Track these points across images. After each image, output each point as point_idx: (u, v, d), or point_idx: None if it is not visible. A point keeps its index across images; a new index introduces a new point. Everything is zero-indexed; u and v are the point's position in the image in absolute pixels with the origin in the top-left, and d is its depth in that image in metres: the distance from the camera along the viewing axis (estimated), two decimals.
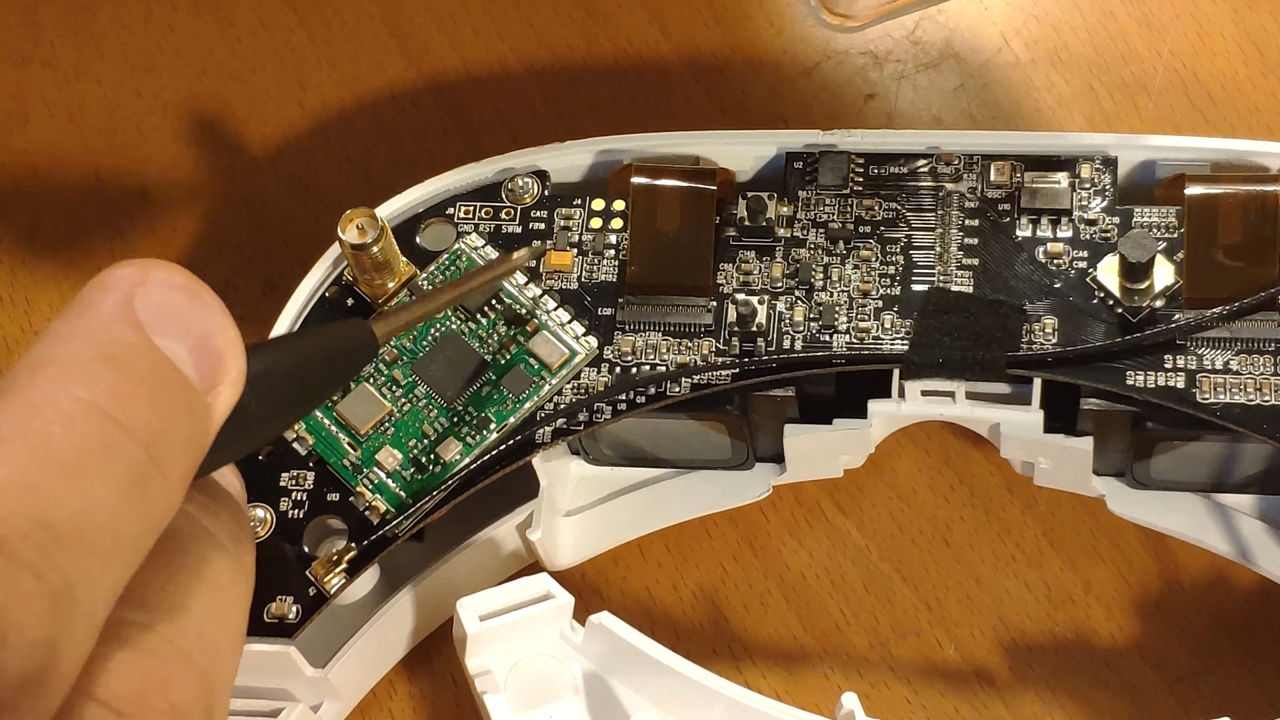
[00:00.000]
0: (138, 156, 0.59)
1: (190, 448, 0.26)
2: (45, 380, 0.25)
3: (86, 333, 0.26)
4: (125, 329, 0.26)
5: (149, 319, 0.26)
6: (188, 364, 0.26)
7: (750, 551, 0.51)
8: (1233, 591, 0.49)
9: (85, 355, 0.25)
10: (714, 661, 0.49)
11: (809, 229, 0.49)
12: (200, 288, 0.27)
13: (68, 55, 0.61)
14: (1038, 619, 0.50)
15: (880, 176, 0.49)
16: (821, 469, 0.50)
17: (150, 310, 0.26)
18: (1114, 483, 0.49)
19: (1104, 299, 0.47)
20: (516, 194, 0.50)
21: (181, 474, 0.26)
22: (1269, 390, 0.45)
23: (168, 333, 0.26)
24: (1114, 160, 0.49)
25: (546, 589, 0.45)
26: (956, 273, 0.48)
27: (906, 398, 0.47)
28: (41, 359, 0.25)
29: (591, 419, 0.47)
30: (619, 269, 0.49)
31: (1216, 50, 0.57)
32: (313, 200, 0.57)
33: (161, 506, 0.26)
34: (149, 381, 0.26)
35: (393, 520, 0.46)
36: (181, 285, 0.27)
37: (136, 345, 0.26)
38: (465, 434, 0.47)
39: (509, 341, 0.48)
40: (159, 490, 0.25)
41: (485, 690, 0.45)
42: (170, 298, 0.26)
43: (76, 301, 0.26)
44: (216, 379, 0.27)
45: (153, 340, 0.26)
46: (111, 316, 0.26)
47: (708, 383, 0.47)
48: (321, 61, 0.60)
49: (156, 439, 0.25)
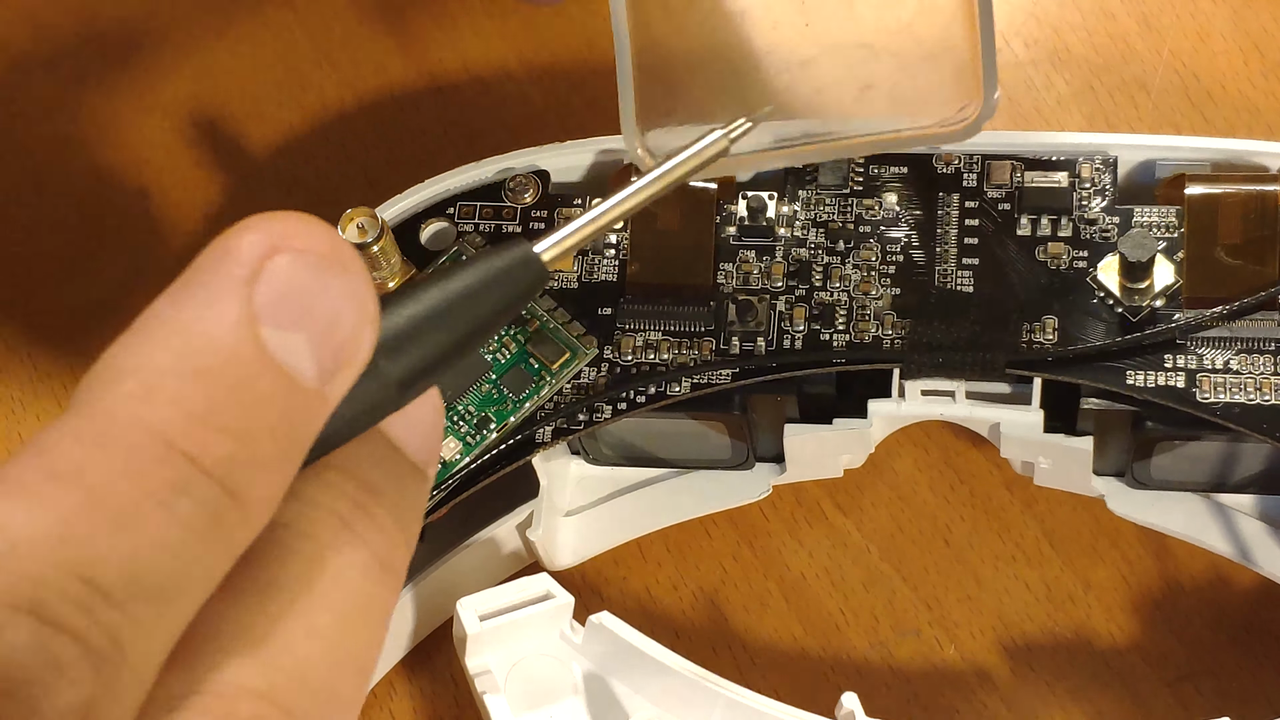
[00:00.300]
0: (138, 156, 0.59)
1: (283, 463, 0.22)
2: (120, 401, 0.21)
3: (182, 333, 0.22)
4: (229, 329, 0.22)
5: (268, 306, 0.22)
6: (304, 357, 0.22)
7: (750, 551, 0.51)
8: (1233, 591, 0.49)
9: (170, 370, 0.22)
10: (714, 661, 0.49)
11: (809, 229, 0.49)
12: (343, 253, 0.23)
13: (68, 55, 0.61)
14: (1038, 619, 0.50)
15: (880, 176, 0.49)
16: (821, 469, 0.50)
17: (272, 295, 0.22)
18: (1114, 483, 0.49)
19: (1104, 299, 0.47)
20: (517, 193, 0.50)
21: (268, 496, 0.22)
22: (1269, 390, 0.45)
23: (287, 323, 0.22)
24: (1114, 160, 0.49)
25: (546, 589, 0.45)
26: (956, 273, 0.48)
27: (906, 398, 0.47)
28: (124, 367, 0.22)
29: (591, 419, 0.47)
30: (619, 269, 0.49)
31: (1216, 50, 0.57)
32: (313, 200, 0.57)
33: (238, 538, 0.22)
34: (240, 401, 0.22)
35: None
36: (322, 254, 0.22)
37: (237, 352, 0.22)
38: (465, 433, 0.47)
39: (509, 341, 0.48)
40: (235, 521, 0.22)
41: (485, 690, 0.45)
42: (301, 275, 0.22)
43: (190, 277, 0.22)
44: (338, 367, 0.22)
45: (260, 337, 0.22)
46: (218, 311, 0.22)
47: (708, 383, 0.47)
48: (321, 61, 0.60)
49: (238, 468, 0.22)
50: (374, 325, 0.23)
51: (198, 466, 0.21)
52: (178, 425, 0.21)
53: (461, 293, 0.25)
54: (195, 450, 0.21)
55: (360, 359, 0.23)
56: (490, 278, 0.25)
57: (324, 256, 0.22)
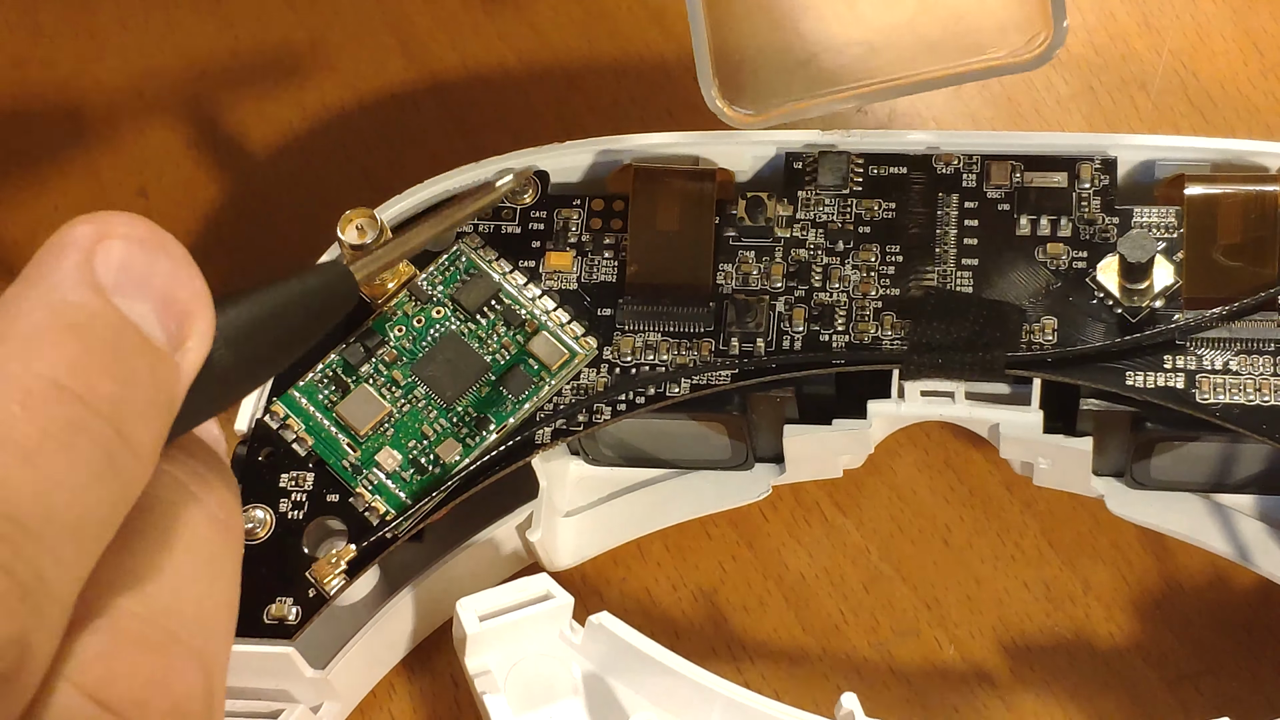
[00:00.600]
0: (138, 156, 0.59)
1: (159, 414, 0.25)
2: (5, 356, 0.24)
3: (44, 301, 0.24)
4: (85, 293, 0.25)
5: (109, 279, 0.25)
6: (153, 324, 0.25)
7: (750, 551, 0.51)
8: (1233, 591, 0.49)
9: (44, 326, 0.24)
10: (714, 661, 0.49)
11: (809, 229, 0.49)
12: (164, 239, 0.26)
13: (68, 55, 0.61)
14: (1038, 619, 0.50)
15: (880, 176, 0.49)
16: (821, 469, 0.50)
17: (111, 269, 0.25)
18: (1114, 483, 0.49)
19: (1104, 299, 0.47)
20: (516, 194, 0.50)
21: (151, 443, 0.25)
22: (1269, 390, 0.45)
23: (130, 292, 0.25)
24: (1114, 160, 0.49)
25: (546, 589, 0.45)
26: (956, 273, 0.48)
27: (906, 398, 0.47)
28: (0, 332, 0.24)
29: (591, 419, 0.47)
30: (619, 269, 0.49)
31: (1216, 50, 0.57)
32: (313, 200, 0.57)
33: (132, 480, 0.25)
34: (112, 349, 0.24)
35: (392, 521, 0.46)
36: (144, 239, 0.26)
37: (97, 310, 0.25)
38: (465, 435, 0.47)
39: (509, 342, 0.48)
40: (128, 464, 0.24)
41: (485, 690, 0.45)
42: (132, 254, 0.25)
43: (33, 264, 0.25)
44: (183, 336, 0.25)
45: (114, 303, 0.25)
46: (70, 281, 0.25)
47: (707, 383, 0.47)
48: (321, 61, 0.60)
49: (122, 410, 0.24)
50: (207, 302, 0.26)
51: (88, 406, 0.24)
52: (63, 368, 0.24)
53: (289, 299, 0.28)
54: (82, 389, 0.24)
55: (203, 330, 0.26)
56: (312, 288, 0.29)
57: (147, 240, 0.26)
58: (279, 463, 0.47)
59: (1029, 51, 0.41)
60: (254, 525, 0.47)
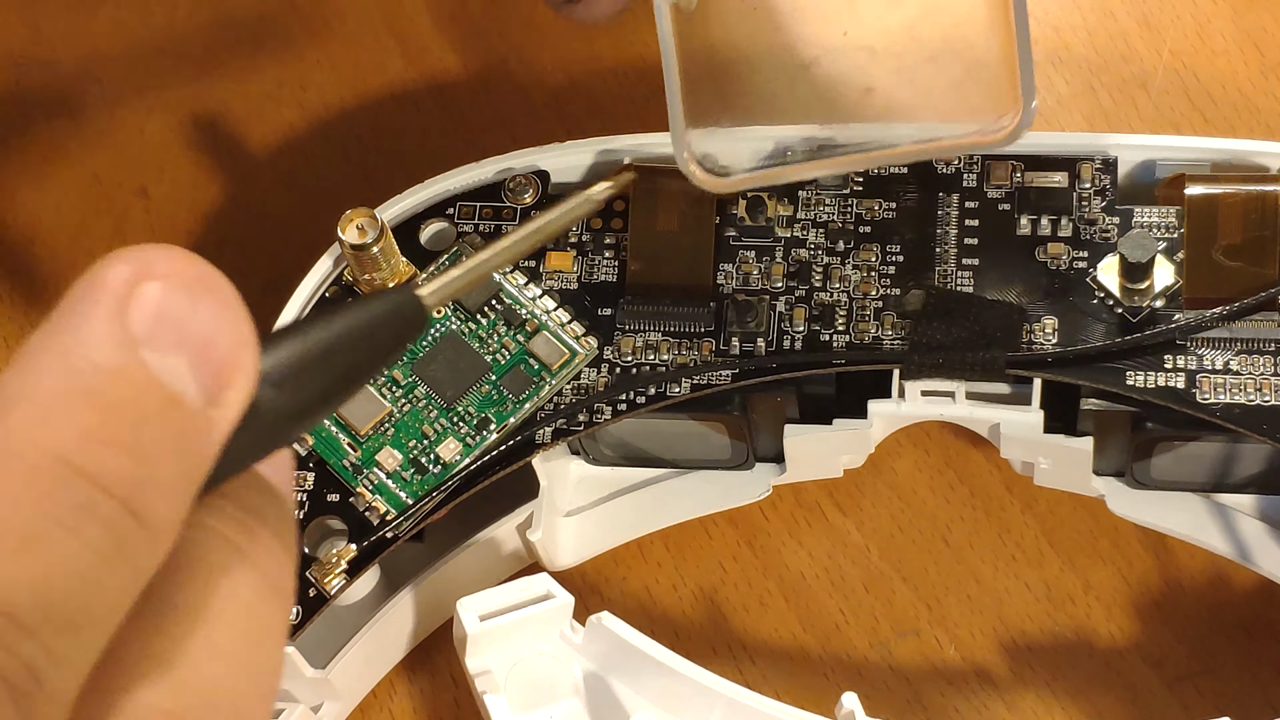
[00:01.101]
0: (138, 156, 0.59)
1: (183, 484, 0.23)
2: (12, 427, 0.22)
3: (64, 360, 0.22)
4: (111, 352, 0.22)
5: (143, 330, 0.22)
6: (186, 378, 0.23)
7: (750, 551, 0.51)
8: (1233, 591, 0.49)
9: (59, 392, 0.22)
10: (714, 661, 0.49)
11: (809, 229, 0.49)
12: (211, 279, 0.23)
13: (68, 55, 0.61)
14: (1038, 619, 0.50)
15: (881, 176, 0.49)
16: (821, 469, 0.50)
17: (145, 319, 0.23)
18: (1114, 483, 0.49)
19: (1104, 299, 0.47)
20: (517, 193, 0.50)
21: (171, 517, 0.23)
22: (1269, 390, 0.45)
23: (164, 345, 0.23)
24: (1114, 160, 0.49)
25: (546, 589, 0.45)
26: (957, 273, 0.48)
27: (906, 398, 0.47)
28: (12, 394, 0.22)
29: (591, 419, 0.47)
30: (619, 269, 0.49)
31: (1216, 50, 0.57)
32: (313, 200, 0.57)
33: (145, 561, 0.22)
34: (133, 417, 0.22)
35: (393, 521, 0.46)
36: (188, 280, 0.23)
37: (122, 372, 0.22)
38: (465, 434, 0.47)
39: (509, 342, 0.48)
40: (141, 545, 0.22)
41: (485, 690, 0.45)
42: (171, 299, 0.23)
43: (63, 309, 0.23)
44: (221, 388, 0.23)
45: (143, 360, 0.22)
46: (98, 337, 0.22)
47: (708, 383, 0.47)
48: (321, 61, 0.60)
49: (139, 486, 0.22)
50: (251, 347, 0.23)
51: (98, 486, 0.22)
52: (74, 444, 0.22)
53: (347, 332, 0.25)
54: (94, 468, 0.22)
55: (243, 381, 0.23)
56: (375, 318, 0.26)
57: (191, 280, 0.23)
58: None
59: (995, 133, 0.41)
60: None
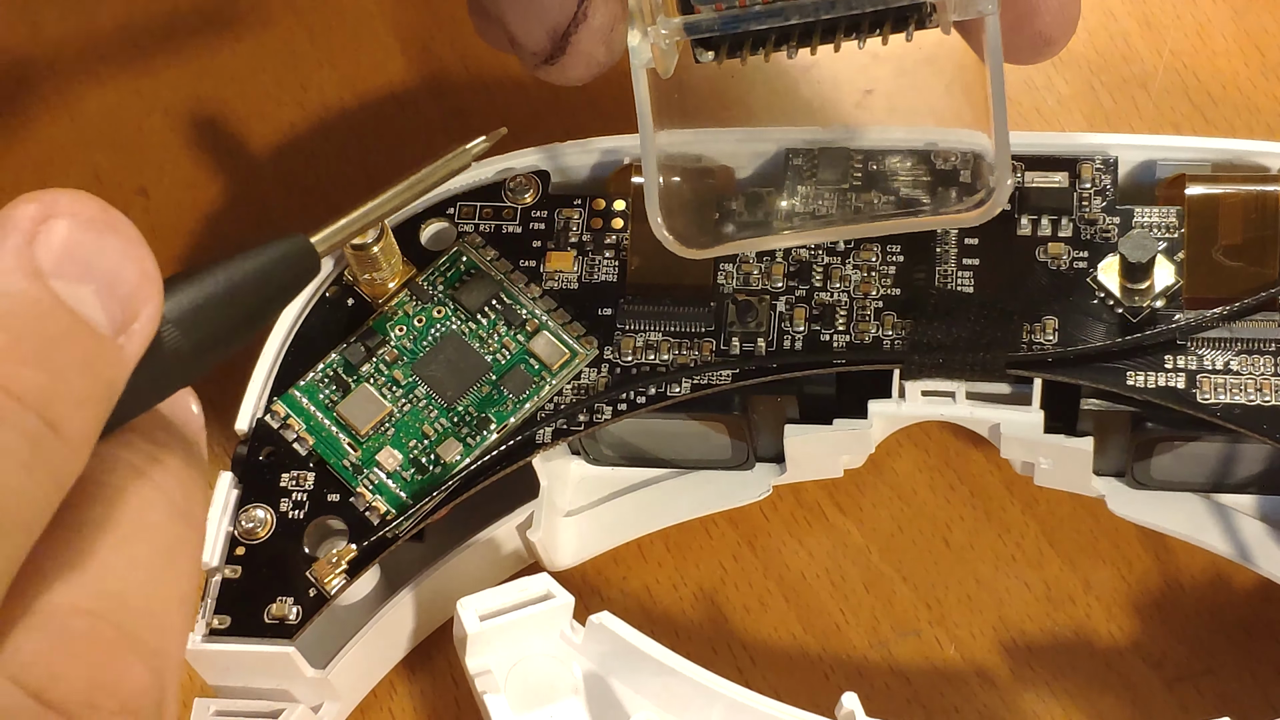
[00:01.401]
0: (138, 156, 0.59)
1: (95, 401, 0.24)
2: None
3: None
4: (19, 280, 0.24)
5: (50, 262, 0.24)
6: (94, 307, 0.24)
7: (750, 551, 0.51)
8: (1233, 591, 0.49)
9: None
10: (714, 661, 0.49)
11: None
12: (113, 218, 0.25)
13: (68, 55, 0.61)
14: (1038, 619, 0.50)
15: (880, 174, 0.49)
16: (821, 469, 0.50)
17: (52, 252, 0.24)
18: (1114, 483, 0.49)
19: (1104, 299, 0.47)
20: (517, 193, 0.50)
21: (85, 431, 0.24)
22: (1269, 390, 0.45)
23: (71, 275, 0.24)
24: (1114, 160, 0.49)
25: (546, 589, 0.45)
26: (957, 273, 0.48)
27: (907, 398, 0.47)
28: None
29: (591, 419, 0.47)
30: (619, 269, 0.49)
31: (1216, 50, 0.57)
32: (313, 200, 0.57)
33: (64, 469, 0.24)
34: (43, 336, 0.24)
35: (393, 521, 0.46)
36: (91, 217, 0.25)
37: (31, 297, 0.24)
38: (465, 434, 0.47)
39: (509, 341, 0.48)
40: (58, 453, 0.24)
41: (485, 690, 0.45)
42: (77, 235, 0.24)
43: None
44: (128, 319, 0.25)
45: (51, 287, 0.24)
46: (6, 265, 0.24)
47: (708, 383, 0.47)
48: (321, 61, 0.60)
49: (52, 400, 0.23)
50: (156, 283, 0.25)
51: (13, 397, 0.23)
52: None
53: (244, 276, 0.28)
54: (7, 380, 0.23)
55: (149, 313, 0.25)
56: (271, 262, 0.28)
57: (97, 218, 0.25)
58: (280, 462, 0.47)
59: (973, 208, 0.43)
60: (254, 525, 0.47)
